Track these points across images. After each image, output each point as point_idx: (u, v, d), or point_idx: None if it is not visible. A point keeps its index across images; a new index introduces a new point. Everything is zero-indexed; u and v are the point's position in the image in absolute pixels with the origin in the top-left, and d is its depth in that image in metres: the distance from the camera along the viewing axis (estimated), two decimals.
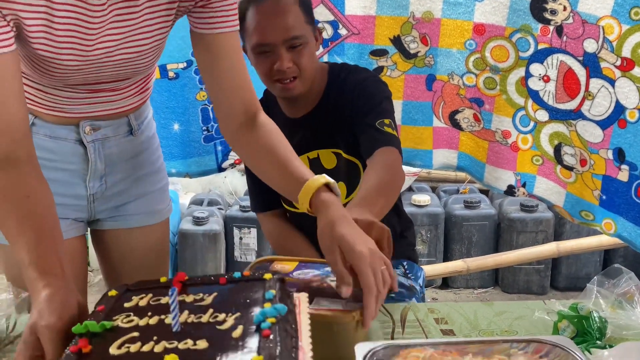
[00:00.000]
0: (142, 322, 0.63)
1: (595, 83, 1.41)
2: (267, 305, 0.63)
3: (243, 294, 0.68)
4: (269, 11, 1.20)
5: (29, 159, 0.87)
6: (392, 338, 0.92)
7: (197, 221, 2.79)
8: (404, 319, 0.99)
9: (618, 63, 1.36)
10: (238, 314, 0.63)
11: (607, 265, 2.89)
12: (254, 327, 0.60)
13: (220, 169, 1.79)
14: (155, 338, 0.60)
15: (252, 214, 2.82)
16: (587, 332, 0.84)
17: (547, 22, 1.45)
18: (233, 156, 1.76)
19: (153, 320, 0.63)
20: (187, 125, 1.70)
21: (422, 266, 1.43)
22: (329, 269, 0.93)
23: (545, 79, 1.51)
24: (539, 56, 1.50)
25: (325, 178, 0.92)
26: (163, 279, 0.74)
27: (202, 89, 1.66)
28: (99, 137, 1.07)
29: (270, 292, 0.66)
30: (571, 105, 1.47)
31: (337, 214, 0.87)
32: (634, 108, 1.36)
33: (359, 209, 0.98)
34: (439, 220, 2.90)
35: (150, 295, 0.69)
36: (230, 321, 0.62)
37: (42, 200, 0.85)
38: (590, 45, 1.39)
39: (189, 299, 0.68)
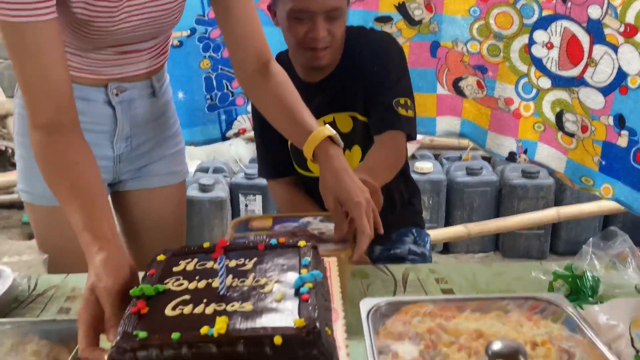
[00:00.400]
0: (191, 286, 0.67)
1: (599, 50, 1.42)
2: (304, 272, 0.68)
3: (281, 260, 0.72)
4: None
5: (74, 125, 0.90)
6: (394, 296, 0.96)
7: (203, 188, 2.82)
8: (406, 278, 1.04)
9: (622, 29, 1.36)
10: (277, 278, 0.67)
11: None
12: (292, 291, 0.64)
13: (224, 138, 1.80)
14: (205, 300, 0.64)
15: (257, 181, 2.86)
16: (581, 291, 0.87)
17: None
18: (237, 125, 1.78)
19: (201, 284, 0.67)
20: (191, 94, 1.70)
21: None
22: (304, 220, 1.02)
23: (549, 45, 1.51)
24: (543, 23, 1.50)
25: (329, 130, 0.99)
26: (206, 245, 0.78)
27: (205, 57, 1.66)
28: (125, 99, 1.13)
29: (306, 259, 0.71)
30: (574, 72, 1.48)
31: (338, 165, 0.95)
32: (635, 74, 1.37)
33: (361, 171, 1.08)
34: (441, 187, 2.92)
35: (195, 260, 0.73)
36: (271, 285, 0.66)
37: (90, 166, 0.89)
38: (594, 12, 1.39)
39: (232, 264, 0.72)
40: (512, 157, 1.69)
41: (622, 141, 1.44)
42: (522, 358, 0.58)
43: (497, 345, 0.60)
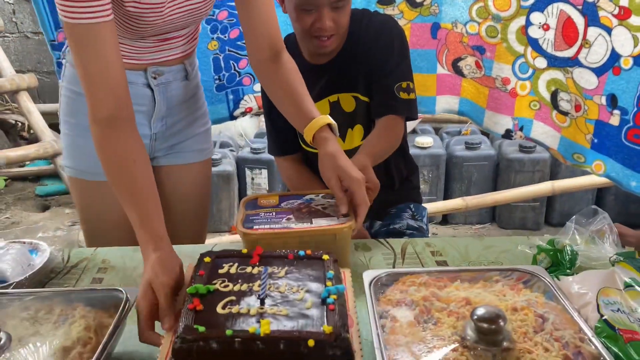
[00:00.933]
0: (236, 288, 0.77)
1: (593, 31, 1.45)
2: (329, 284, 0.78)
3: (308, 271, 0.83)
4: None
5: (130, 120, 0.98)
6: (394, 267, 1.05)
7: (211, 162, 2.89)
8: (404, 251, 1.12)
9: (616, 12, 1.40)
10: (306, 287, 0.78)
11: (599, 203, 2.99)
12: (320, 301, 0.75)
13: (232, 117, 1.86)
14: (248, 302, 0.75)
15: (262, 155, 2.92)
16: (560, 263, 0.95)
17: None
18: (244, 105, 1.83)
19: (244, 287, 0.78)
20: (200, 75, 1.76)
21: (423, 205, 1.53)
22: (308, 197, 1.11)
23: (545, 27, 1.54)
24: (540, 5, 1.53)
25: (328, 119, 1.10)
26: (244, 251, 0.88)
27: (213, 38, 1.70)
28: (162, 82, 1.21)
29: (330, 272, 0.82)
30: (569, 53, 1.52)
31: (335, 148, 1.07)
32: (628, 55, 1.41)
33: (362, 153, 1.21)
34: (440, 161, 2.99)
35: (236, 264, 0.84)
36: (302, 293, 0.76)
37: (146, 164, 0.98)
38: None
39: (268, 270, 0.82)
40: (508, 134, 1.74)
41: (614, 120, 1.48)
42: (502, 321, 0.67)
43: (480, 311, 0.68)
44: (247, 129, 3.28)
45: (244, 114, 1.86)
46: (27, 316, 0.80)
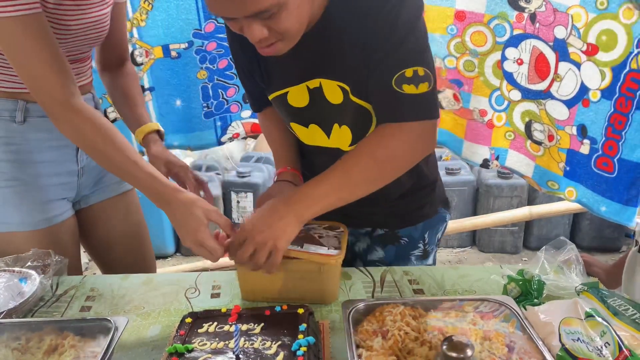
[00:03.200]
0: (213, 346, 0.83)
1: (564, 66, 1.51)
2: (301, 337, 0.84)
3: (283, 325, 0.88)
4: None
5: (86, 105, 1.06)
6: (373, 296, 1.09)
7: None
8: (383, 280, 1.15)
9: (584, 48, 1.45)
10: (280, 342, 0.84)
11: (575, 227, 3.07)
12: (290, 354, 0.80)
13: (220, 143, 1.90)
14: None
15: (248, 179, 2.96)
16: (529, 293, 0.99)
17: (521, 9, 1.54)
18: (231, 131, 1.88)
19: (220, 345, 0.84)
20: (188, 102, 1.80)
21: None
22: (309, 225, 1.13)
23: (519, 62, 1.60)
24: (514, 41, 1.59)
25: (157, 125, 1.26)
26: (223, 309, 0.94)
27: (202, 68, 1.75)
28: None
29: (303, 325, 0.87)
30: (541, 86, 1.58)
31: (160, 149, 1.27)
32: (596, 89, 1.47)
33: (284, 200, 0.99)
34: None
35: (215, 323, 0.90)
36: (274, 348, 0.82)
37: (116, 130, 1.06)
38: (560, 32, 1.48)
39: (244, 327, 0.88)
40: (485, 163, 1.79)
41: (584, 149, 1.54)
42: (469, 350, 0.72)
43: (449, 341, 0.73)
44: (233, 152, 3.31)
45: (231, 139, 1.90)
46: (17, 346, 0.82)
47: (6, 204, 1.15)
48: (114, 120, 1.72)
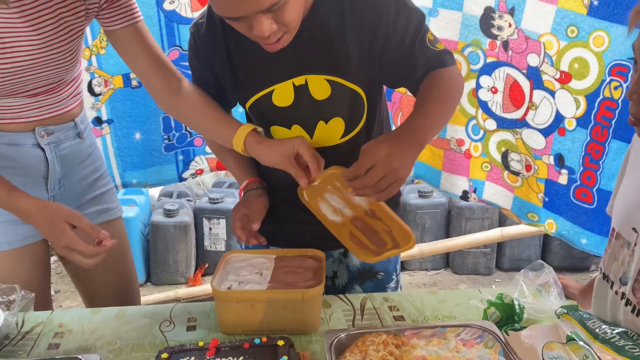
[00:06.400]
0: None
1: (538, 94, 1.53)
2: None
3: (262, 358, 0.87)
4: None
5: None
6: (353, 324, 1.07)
7: (168, 213, 2.85)
8: (363, 307, 1.13)
9: (557, 76, 1.48)
10: None
11: (545, 248, 3.12)
12: None
13: (181, 179, 1.80)
14: None
15: (220, 205, 2.90)
16: (509, 317, 0.99)
17: (494, 37, 1.56)
18: (195, 166, 1.79)
19: None
20: (148, 134, 1.71)
21: None
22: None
23: (494, 90, 1.61)
24: (488, 69, 1.60)
25: (252, 125, 1.11)
26: (201, 343, 0.91)
27: None
28: (53, 140, 1.21)
29: (283, 358, 0.85)
30: (517, 114, 1.59)
31: (266, 139, 1.12)
32: (571, 117, 1.49)
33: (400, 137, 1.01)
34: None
35: (193, 358, 0.87)
36: None
37: None
38: (533, 60, 1.51)
39: None
40: (465, 195, 1.78)
41: (563, 179, 1.55)
42: None
43: None
44: (204, 179, 3.27)
45: (194, 175, 1.81)
46: None
47: None
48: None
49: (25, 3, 1.03)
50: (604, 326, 0.89)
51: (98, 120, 1.68)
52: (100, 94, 1.65)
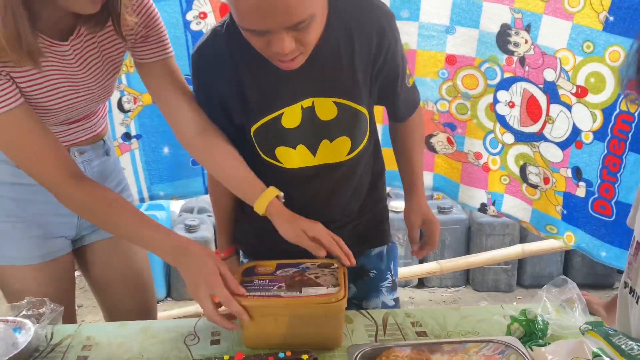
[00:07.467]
0: None
1: (555, 108, 1.55)
2: None
3: None
4: None
5: (85, 178, 1.07)
6: (376, 340, 1.07)
7: (189, 229, 2.86)
8: (386, 323, 1.13)
9: (574, 90, 1.50)
10: None
11: (567, 264, 3.08)
12: None
13: (207, 191, 1.77)
14: None
15: None
16: (533, 333, 0.99)
17: (511, 53, 1.58)
18: None
19: None
20: (176, 149, 1.75)
21: (399, 267, 1.52)
22: (303, 265, 1.13)
23: (511, 104, 1.64)
24: (505, 84, 1.63)
25: (276, 191, 1.11)
26: (226, 357, 0.93)
27: None
28: (86, 159, 1.25)
29: None
30: (534, 128, 1.61)
31: (289, 213, 1.11)
32: (588, 130, 1.50)
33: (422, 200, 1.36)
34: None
35: None
36: None
37: (123, 201, 1.09)
38: (549, 75, 1.53)
39: None
40: (483, 208, 1.80)
41: (580, 192, 1.56)
42: None
43: None
44: None
45: None
46: None
47: (5, 238, 1.20)
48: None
49: (76, 44, 1.08)
50: (630, 342, 0.88)
51: (127, 136, 1.73)
52: (129, 111, 1.71)
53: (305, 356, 0.90)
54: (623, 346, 0.87)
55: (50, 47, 1.04)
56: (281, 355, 0.91)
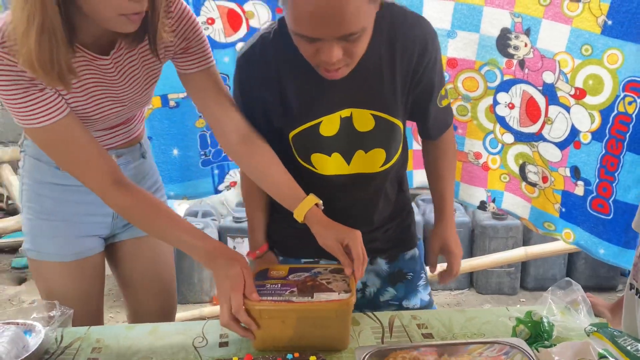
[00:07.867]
0: None
1: (554, 110, 1.56)
2: None
3: None
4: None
5: (127, 183, 1.11)
6: (382, 342, 1.08)
7: None
8: (392, 325, 1.14)
9: (572, 92, 1.51)
10: None
11: (570, 267, 3.08)
12: None
13: (217, 191, 1.89)
14: None
15: (244, 224, 2.93)
16: (539, 334, 0.99)
17: (511, 56, 1.60)
18: (229, 179, 1.88)
19: None
20: (185, 151, 1.79)
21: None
22: (315, 270, 1.14)
23: (511, 106, 1.65)
24: (505, 86, 1.65)
25: (315, 198, 1.13)
26: (235, 359, 0.95)
27: (200, 116, 1.77)
28: (122, 162, 1.28)
29: None
30: (533, 129, 1.63)
31: (326, 219, 1.13)
32: (586, 131, 1.52)
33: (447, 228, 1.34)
34: (417, 228, 3.04)
35: None
36: None
37: (164, 204, 1.14)
38: (548, 77, 1.54)
39: None
40: (482, 206, 1.82)
41: (579, 190, 1.58)
42: None
43: None
44: (229, 198, 3.30)
45: (228, 187, 1.90)
46: None
47: (43, 235, 1.25)
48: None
49: (117, 57, 1.10)
50: (635, 343, 0.89)
51: None
52: None
53: (313, 358, 0.91)
54: (628, 347, 0.88)
55: (92, 61, 1.07)
56: (289, 357, 0.92)
